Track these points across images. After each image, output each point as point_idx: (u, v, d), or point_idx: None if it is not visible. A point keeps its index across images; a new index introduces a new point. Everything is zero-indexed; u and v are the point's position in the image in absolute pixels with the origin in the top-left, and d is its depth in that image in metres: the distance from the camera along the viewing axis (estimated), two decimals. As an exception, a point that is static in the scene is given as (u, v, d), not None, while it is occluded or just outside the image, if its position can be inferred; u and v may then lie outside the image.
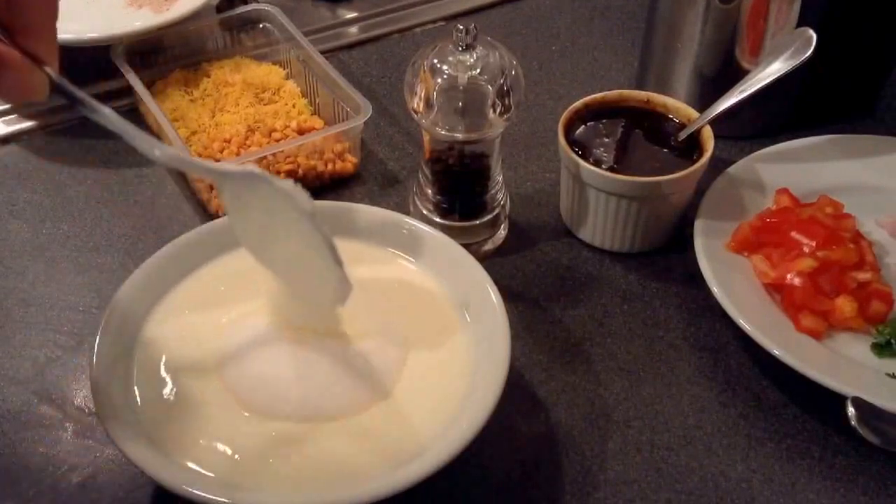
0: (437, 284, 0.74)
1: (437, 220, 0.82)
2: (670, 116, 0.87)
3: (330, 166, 0.91)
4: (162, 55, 0.99)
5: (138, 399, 0.66)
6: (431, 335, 0.71)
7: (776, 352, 0.72)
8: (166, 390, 0.67)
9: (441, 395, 0.67)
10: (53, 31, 0.51)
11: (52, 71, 0.52)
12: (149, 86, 0.95)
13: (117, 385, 0.66)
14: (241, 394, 0.66)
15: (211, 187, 0.86)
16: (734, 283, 0.77)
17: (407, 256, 0.76)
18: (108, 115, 0.56)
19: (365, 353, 0.69)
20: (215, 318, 0.71)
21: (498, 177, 0.82)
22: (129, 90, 0.96)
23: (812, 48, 0.82)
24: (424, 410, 0.66)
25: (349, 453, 0.64)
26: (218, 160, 0.88)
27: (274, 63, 1.01)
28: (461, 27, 0.74)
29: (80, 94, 0.55)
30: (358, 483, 0.61)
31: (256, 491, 0.61)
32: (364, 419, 0.65)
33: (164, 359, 0.69)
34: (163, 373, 0.68)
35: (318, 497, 0.61)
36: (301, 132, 0.92)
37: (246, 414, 0.65)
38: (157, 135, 0.95)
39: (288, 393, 0.66)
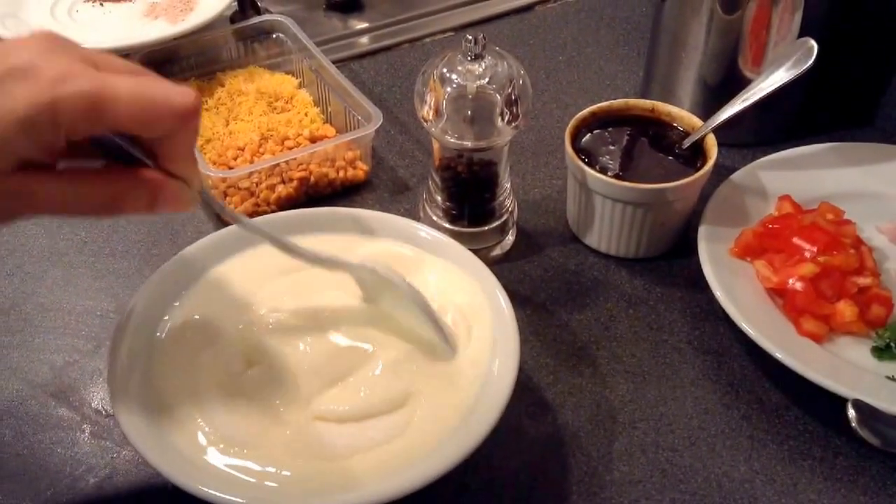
0: (447, 289, 0.74)
1: (447, 226, 0.83)
2: (675, 125, 0.87)
3: (341, 173, 0.91)
4: (177, 65, 1.00)
5: (156, 400, 0.66)
6: (442, 339, 0.70)
7: (778, 355, 0.72)
8: (183, 390, 0.67)
9: (452, 397, 0.67)
10: (194, 156, 0.59)
11: (196, 186, 0.60)
12: (164, 95, 0.96)
13: (134, 387, 0.66)
14: (257, 396, 0.67)
15: (225, 194, 0.88)
16: (737, 287, 0.78)
17: (418, 261, 0.76)
18: (251, 224, 0.69)
19: (378, 354, 0.69)
20: (234, 320, 0.71)
21: (506, 184, 0.83)
22: (144, 99, 0.97)
23: (813, 58, 0.83)
24: (435, 412, 0.66)
25: (361, 455, 0.64)
26: (231, 167, 0.89)
27: (287, 72, 1.02)
28: (470, 37, 0.75)
29: (225, 208, 0.66)
30: (369, 484, 0.61)
31: (270, 491, 0.62)
32: (377, 422, 0.66)
33: (178, 361, 0.69)
34: (178, 373, 0.68)
35: (328, 499, 0.61)
36: (313, 140, 0.93)
37: (262, 415, 0.65)
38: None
39: (302, 394, 0.66)
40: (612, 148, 0.85)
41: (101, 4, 1.09)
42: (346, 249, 0.76)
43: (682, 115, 0.87)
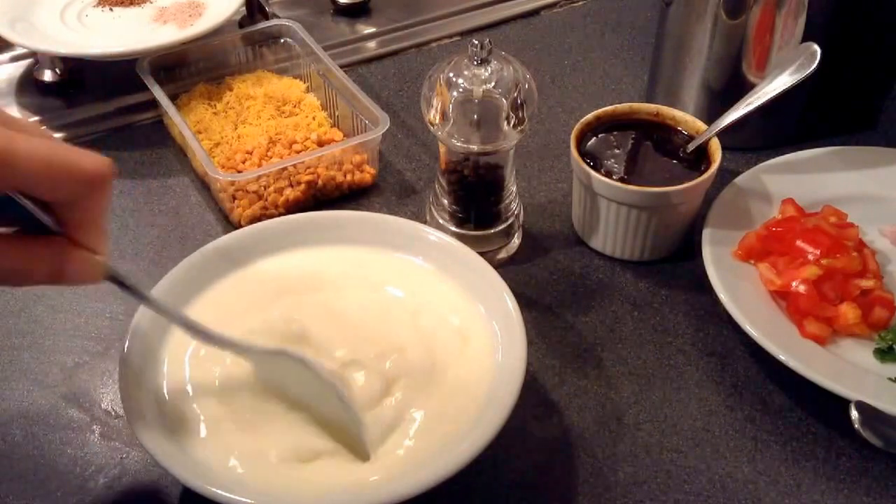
0: (454, 292, 0.74)
1: (453, 228, 0.83)
2: (679, 129, 0.88)
3: (349, 177, 0.92)
4: (186, 69, 1.01)
5: (167, 402, 0.67)
6: (450, 341, 0.71)
7: (782, 357, 0.72)
8: (191, 395, 0.68)
9: (460, 398, 0.67)
10: (103, 226, 0.57)
11: (103, 258, 0.58)
12: (173, 99, 0.97)
13: (145, 389, 0.66)
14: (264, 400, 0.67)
15: (234, 197, 0.88)
16: (741, 290, 0.78)
17: (425, 264, 0.77)
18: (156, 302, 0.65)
19: (387, 358, 0.69)
20: (242, 325, 0.70)
21: (512, 187, 0.83)
22: (154, 103, 0.98)
23: (817, 62, 0.83)
24: (442, 415, 0.66)
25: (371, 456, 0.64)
26: (240, 171, 0.89)
27: (294, 77, 1.02)
28: (476, 42, 0.75)
29: (130, 280, 0.62)
30: (380, 485, 0.62)
31: (280, 493, 0.62)
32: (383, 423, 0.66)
33: (188, 367, 0.69)
34: (187, 376, 0.69)
35: (341, 499, 0.62)
36: (321, 144, 0.93)
37: (270, 420, 0.66)
38: (182, 147, 0.97)
39: (310, 398, 0.66)
40: (616, 152, 0.86)
41: (111, 9, 1.09)
42: (354, 258, 0.77)
43: (686, 118, 0.88)
